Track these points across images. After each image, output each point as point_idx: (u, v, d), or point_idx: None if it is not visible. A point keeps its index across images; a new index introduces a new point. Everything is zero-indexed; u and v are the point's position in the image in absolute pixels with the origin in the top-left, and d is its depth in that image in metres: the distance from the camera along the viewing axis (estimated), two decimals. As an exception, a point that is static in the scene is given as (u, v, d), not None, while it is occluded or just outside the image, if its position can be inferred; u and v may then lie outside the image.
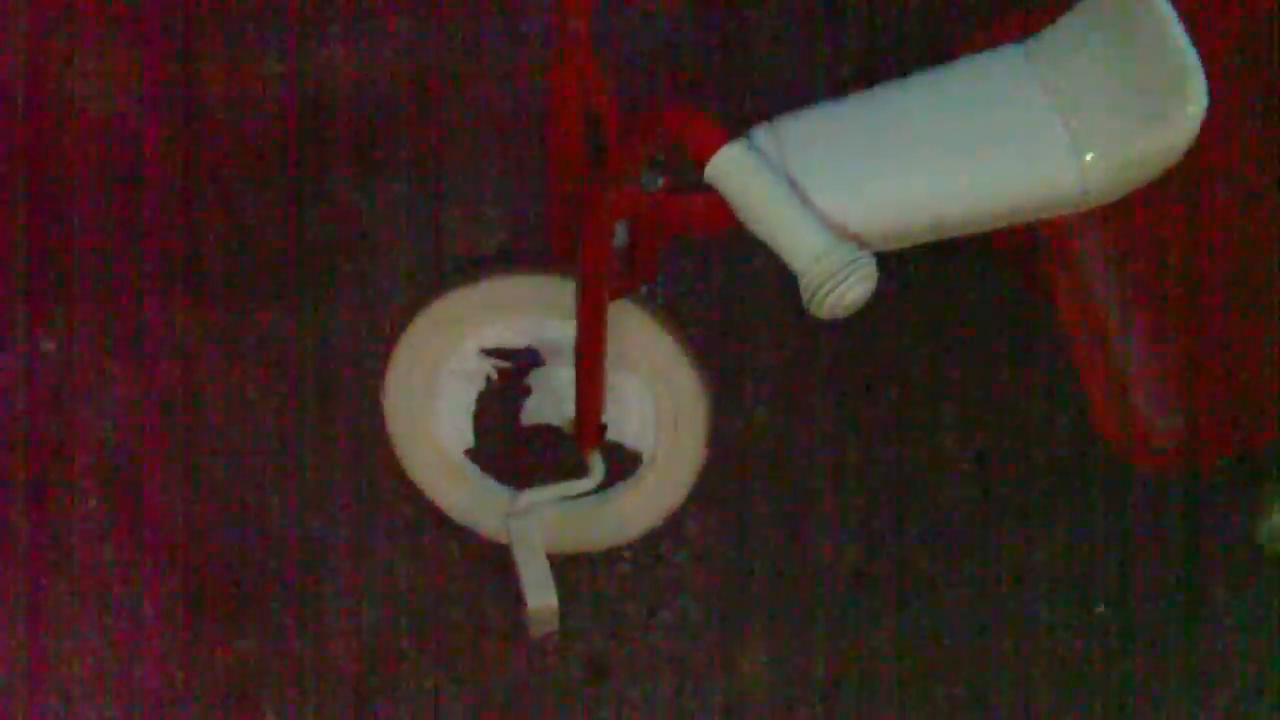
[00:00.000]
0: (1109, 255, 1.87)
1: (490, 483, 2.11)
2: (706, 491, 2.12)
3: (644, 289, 1.91)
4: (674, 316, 1.97)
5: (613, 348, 1.89)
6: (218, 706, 2.15)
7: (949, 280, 2.32)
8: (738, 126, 1.59)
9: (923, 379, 2.30)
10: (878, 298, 1.95)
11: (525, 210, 2.37)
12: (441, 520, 2.14)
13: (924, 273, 2.31)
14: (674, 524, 2.17)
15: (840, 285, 1.46)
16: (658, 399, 1.99)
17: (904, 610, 2.21)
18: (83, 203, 2.33)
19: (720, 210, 1.59)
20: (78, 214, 2.32)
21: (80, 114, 2.35)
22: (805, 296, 1.48)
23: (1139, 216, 1.87)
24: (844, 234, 1.57)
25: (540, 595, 1.91)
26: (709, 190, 1.58)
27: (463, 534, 2.15)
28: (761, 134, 1.64)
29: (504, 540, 2.02)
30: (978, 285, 2.30)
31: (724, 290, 2.33)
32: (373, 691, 2.17)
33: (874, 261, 1.47)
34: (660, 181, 1.74)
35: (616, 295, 1.85)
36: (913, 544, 2.24)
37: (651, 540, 2.19)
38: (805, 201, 1.56)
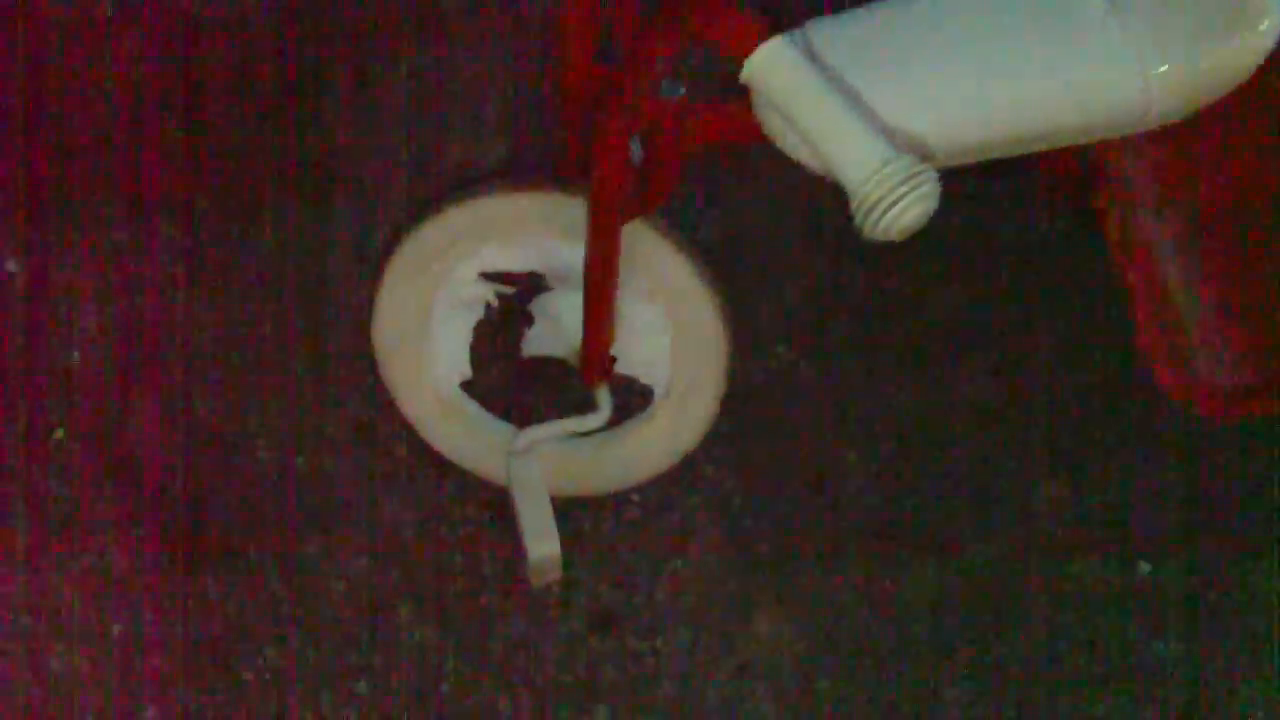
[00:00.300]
0: (1165, 187, 1.78)
1: (489, 419, 1.99)
2: (722, 432, 2.01)
3: (659, 210, 1.78)
4: (691, 241, 1.85)
5: (624, 273, 1.77)
6: (193, 658, 2.06)
7: (988, 208, 2.20)
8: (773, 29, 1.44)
9: (957, 315, 2.19)
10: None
11: (530, 122, 2.24)
12: (436, 460, 2.03)
13: (961, 200, 2.13)
14: (687, 466, 2.03)
15: (899, 203, 1.34)
16: (672, 330, 1.87)
17: (932, 564, 2.11)
18: (53, 115, 2.22)
19: (749, 121, 1.47)
20: (47, 127, 2.22)
21: (50, 21, 2.24)
22: (858, 215, 1.36)
23: (1198, 143, 1.77)
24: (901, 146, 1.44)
25: (542, 542, 1.81)
26: (736, 99, 1.46)
27: (459, 475, 2.05)
28: (804, 33, 1.49)
29: (503, 482, 1.90)
30: (1019, 216, 2.19)
31: (743, 212, 2.21)
32: (362, 644, 2.08)
33: (937, 177, 1.35)
34: (681, 90, 1.57)
35: (630, 216, 1.72)
36: (943, 493, 2.14)
37: (662, 483, 2.07)
38: (860, 106, 1.41)
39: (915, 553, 2.11)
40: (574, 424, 1.87)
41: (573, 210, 1.78)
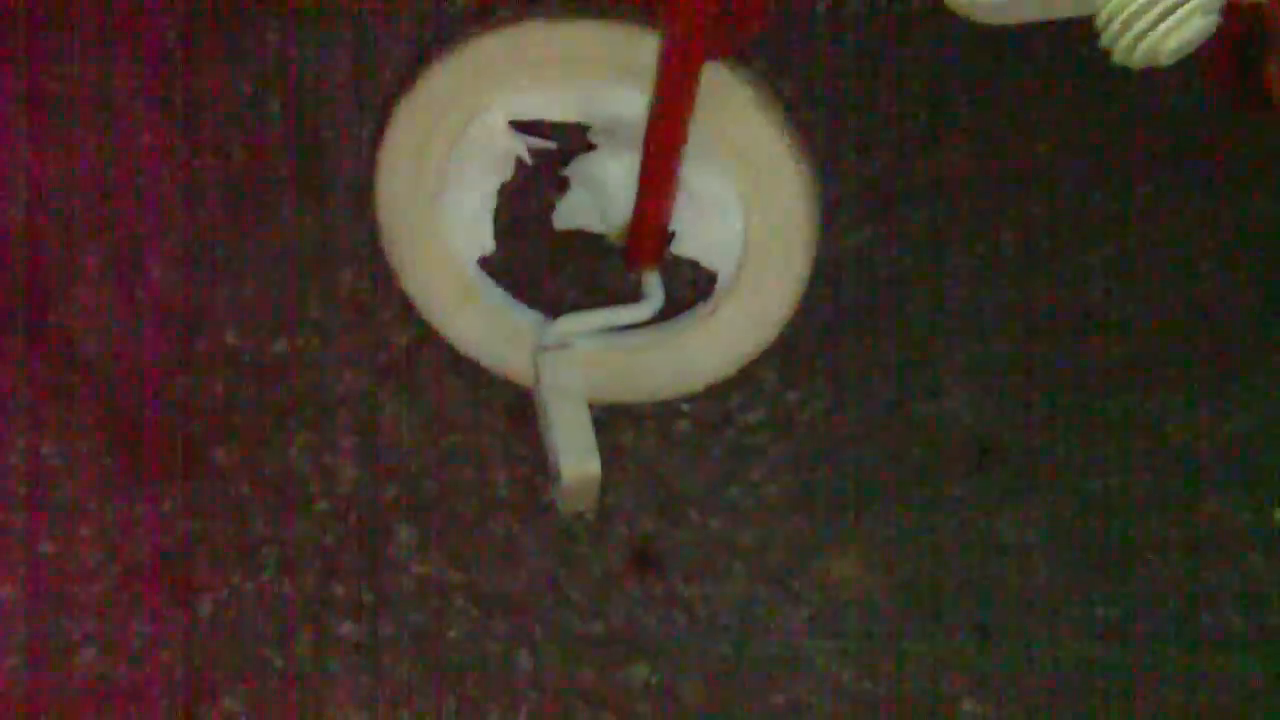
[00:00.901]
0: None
1: (513, 305, 1.75)
2: (793, 335, 1.75)
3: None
4: (777, 93, 1.60)
5: (694, 130, 1.54)
6: (139, 584, 1.84)
7: (1122, 76, 1.89)
8: None
9: (1083, 198, 1.96)
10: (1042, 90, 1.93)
11: None
12: (446, 353, 1.81)
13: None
14: (749, 375, 1.81)
15: (1171, 18, 1.23)
16: (746, 204, 1.63)
17: (1036, 497, 1.88)
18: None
19: None
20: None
21: None
22: (1108, 29, 1.26)
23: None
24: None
25: (577, 460, 1.61)
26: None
27: (473, 371, 1.82)
28: None
29: (528, 383, 1.70)
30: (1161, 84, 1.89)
31: (821, 66, 1.98)
32: (350, 574, 1.84)
33: None
34: None
35: (714, 53, 1.48)
36: (1050, 412, 1.91)
37: (720, 394, 1.85)
38: None
39: (1016, 483, 1.89)
40: (617, 315, 1.68)
41: (633, 44, 1.54)
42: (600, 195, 1.69)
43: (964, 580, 1.84)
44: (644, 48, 1.52)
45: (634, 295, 1.70)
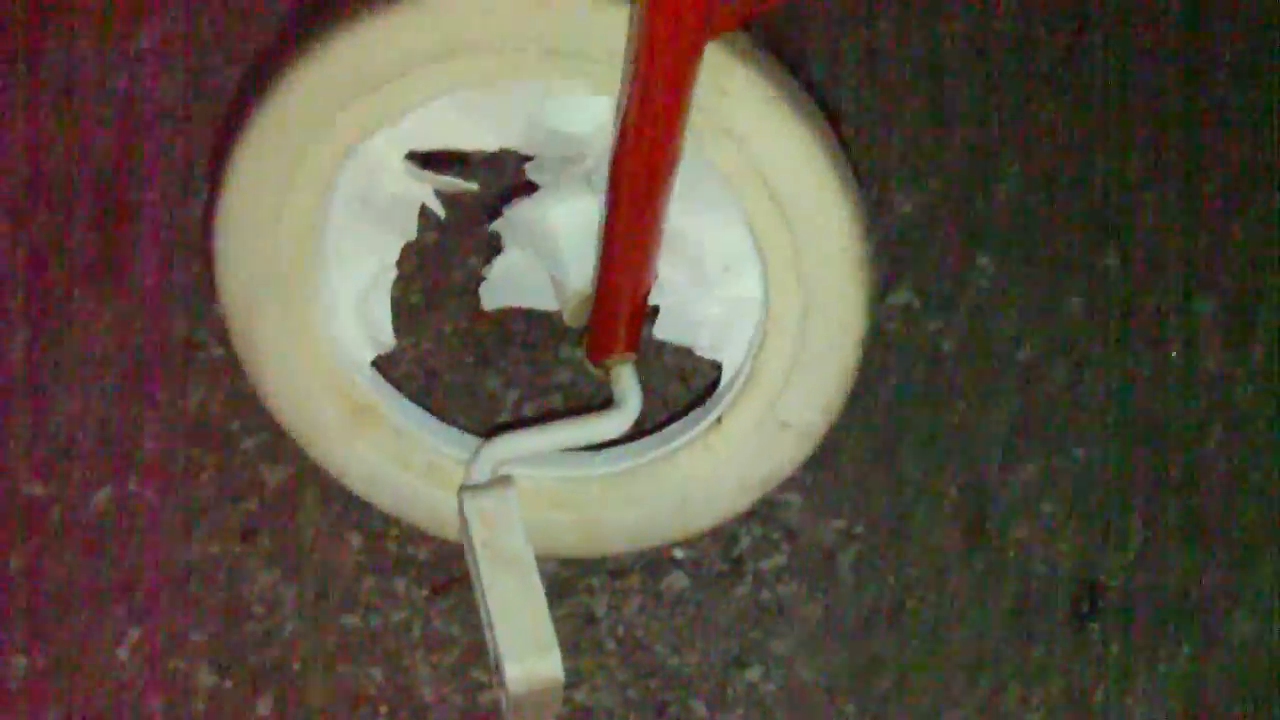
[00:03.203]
0: None
1: (427, 423, 1.31)
2: (826, 444, 1.30)
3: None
4: (802, 87, 1.12)
5: (686, 150, 1.08)
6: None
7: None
8: None
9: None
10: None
11: None
12: (334, 497, 1.39)
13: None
14: (765, 501, 1.35)
15: None
16: (768, 260, 1.16)
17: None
18: None
19: None
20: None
21: None
22: None
23: None
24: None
25: (527, 659, 1.18)
26: None
27: (373, 524, 1.39)
28: None
29: (456, 537, 1.28)
30: None
31: (843, 111, 1.56)
32: None
33: None
34: None
35: (717, 26, 1.02)
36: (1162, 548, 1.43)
37: (727, 531, 1.41)
38: None
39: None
40: (576, 431, 1.26)
41: (588, 20, 1.06)
42: (546, 256, 1.25)
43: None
44: (604, 25, 1.04)
45: (600, 400, 1.29)
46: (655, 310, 1.24)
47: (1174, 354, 1.49)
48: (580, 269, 1.22)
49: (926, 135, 1.55)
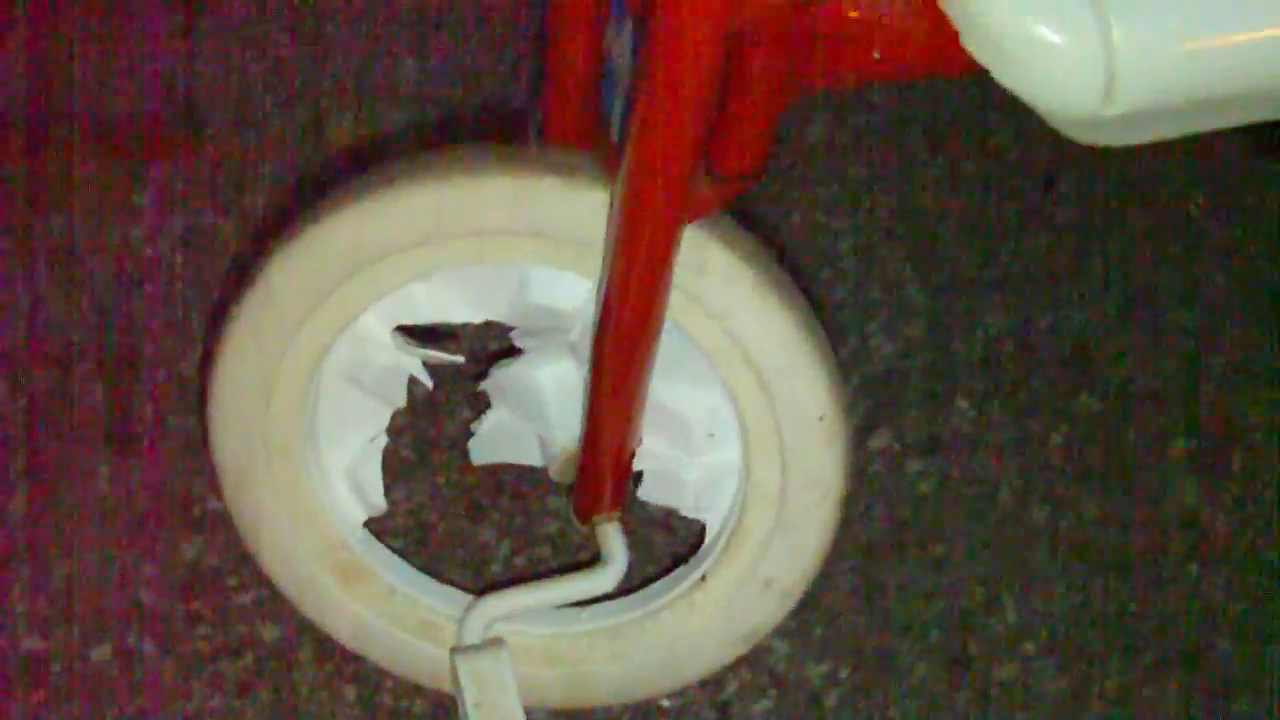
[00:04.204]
0: None
1: (418, 583, 1.30)
2: (814, 584, 1.28)
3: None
4: (777, 256, 1.14)
5: (669, 326, 1.09)
6: None
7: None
8: None
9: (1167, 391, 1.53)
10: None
11: (490, 63, 1.62)
12: (328, 654, 1.36)
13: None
14: (759, 653, 1.36)
15: None
16: (746, 424, 1.16)
17: None
18: None
19: (941, 29, 0.87)
20: None
21: None
22: None
23: None
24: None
25: None
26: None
27: (367, 680, 1.37)
28: None
29: (445, 687, 1.28)
30: None
31: (826, 253, 1.57)
32: None
33: None
34: None
35: (692, 214, 1.03)
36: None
37: (714, 682, 1.39)
38: None
39: None
40: (565, 588, 1.25)
41: (569, 206, 1.08)
42: (533, 416, 1.25)
43: None
44: (583, 211, 1.06)
45: (587, 551, 1.30)
46: (639, 475, 1.23)
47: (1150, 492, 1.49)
48: (566, 429, 1.22)
49: (906, 280, 1.54)
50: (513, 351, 1.23)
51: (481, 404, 1.30)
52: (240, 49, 1.63)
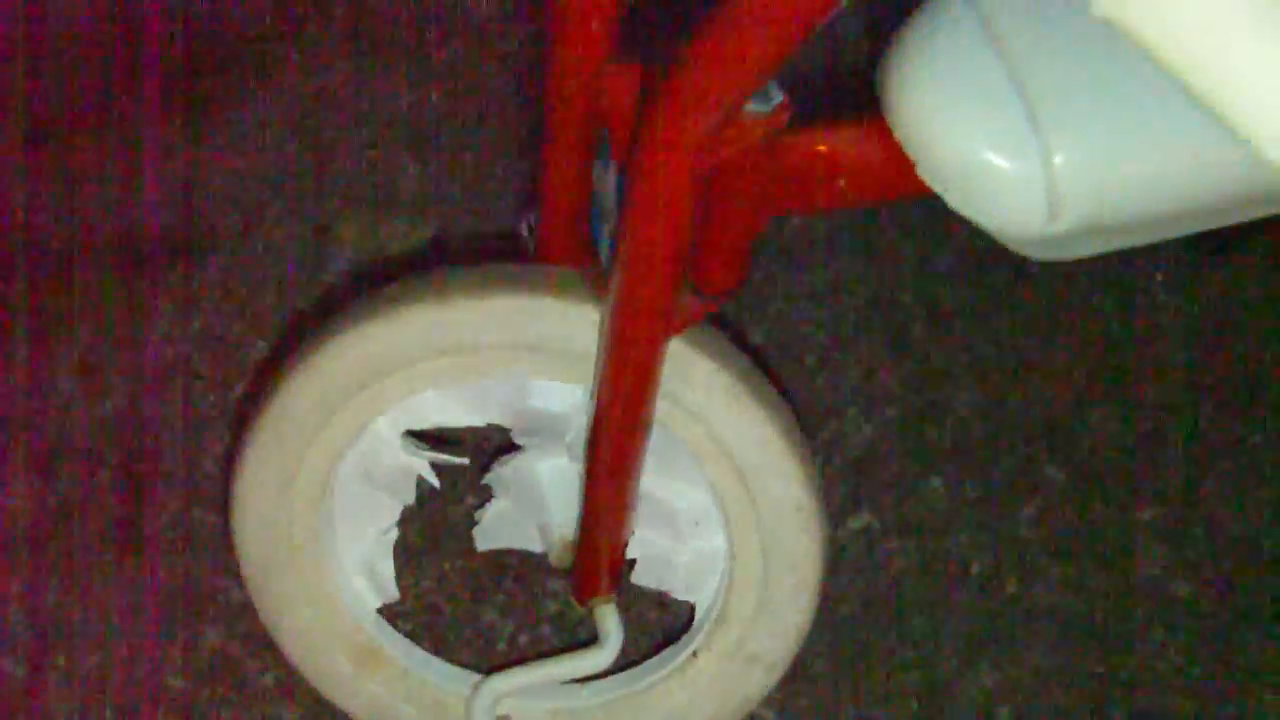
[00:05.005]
0: None
1: (430, 664, 1.35)
2: (797, 663, 1.32)
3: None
4: (758, 364, 1.21)
5: (657, 427, 1.15)
6: None
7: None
8: None
9: (1127, 450, 1.59)
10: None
11: (488, 167, 1.63)
12: None
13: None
14: None
15: None
16: (728, 514, 1.22)
17: None
18: None
19: (901, 163, 0.93)
20: None
21: None
22: None
23: None
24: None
25: None
26: (872, 118, 0.94)
27: None
28: None
29: None
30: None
31: (805, 342, 1.62)
32: None
33: None
34: (778, 98, 0.95)
35: (677, 327, 1.09)
36: None
37: None
38: None
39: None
40: (564, 666, 1.31)
41: (561, 324, 1.14)
42: (533, 506, 1.30)
43: None
44: (576, 327, 1.12)
45: (586, 631, 1.36)
46: (631, 561, 1.28)
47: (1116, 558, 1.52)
48: (563, 518, 1.27)
49: (880, 366, 1.59)
50: (513, 447, 1.28)
51: (485, 494, 1.34)
52: (245, 156, 1.67)
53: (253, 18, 1.70)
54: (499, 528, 1.34)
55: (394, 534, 1.29)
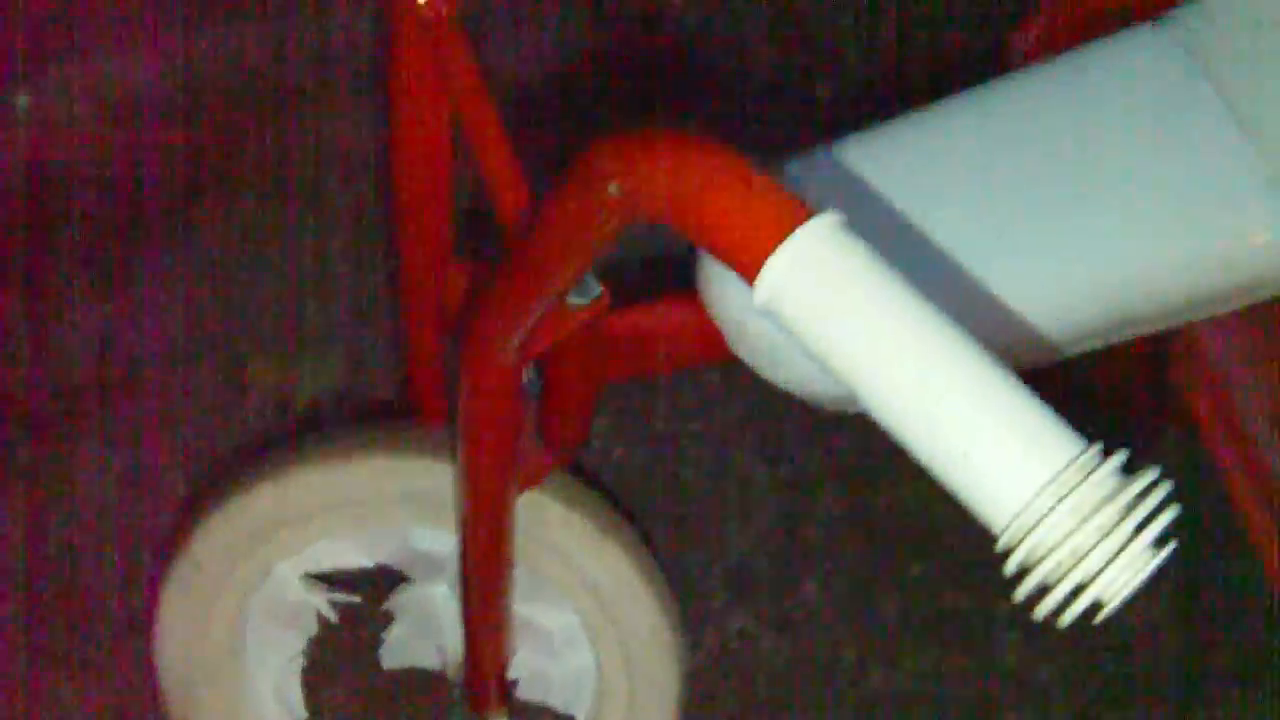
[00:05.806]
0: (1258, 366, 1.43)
1: None
2: None
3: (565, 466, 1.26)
4: (616, 508, 1.32)
5: (522, 563, 1.26)
6: None
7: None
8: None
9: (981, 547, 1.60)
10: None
11: (362, 338, 1.73)
12: None
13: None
14: None
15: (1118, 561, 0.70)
16: (595, 637, 1.36)
17: None
18: None
19: (708, 334, 1.06)
20: None
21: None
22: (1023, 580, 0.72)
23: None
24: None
25: None
26: (687, 297, 1.05)
27: None
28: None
29: None
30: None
31: (684, 456, 1.71)
32: None
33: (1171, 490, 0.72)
34: (598, 290, 1.03)
35: (528, 483, 1.21)
36: None
37: None
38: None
39: None
40: None
41: (429, 479, 1.26)
42: (429, 629, 1.42)
43: None
44: (445, 479, 1.25)
45: None
46: (513, 681, 1.39)
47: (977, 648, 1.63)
48: (455, 640, 1.38)
49: (755, 477, 1.69)
50: (405, 578, 1.40)
51: (389, 619, 1.44)
52: (166, 304, 1.76)
53: (167, 176, 1.80)
54: (402, 648, 1.45)
55: (301, 661, 1.41)
